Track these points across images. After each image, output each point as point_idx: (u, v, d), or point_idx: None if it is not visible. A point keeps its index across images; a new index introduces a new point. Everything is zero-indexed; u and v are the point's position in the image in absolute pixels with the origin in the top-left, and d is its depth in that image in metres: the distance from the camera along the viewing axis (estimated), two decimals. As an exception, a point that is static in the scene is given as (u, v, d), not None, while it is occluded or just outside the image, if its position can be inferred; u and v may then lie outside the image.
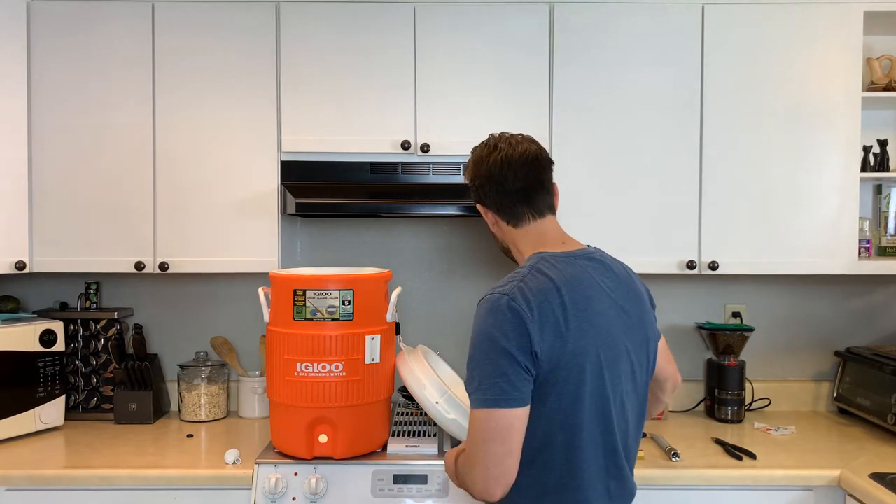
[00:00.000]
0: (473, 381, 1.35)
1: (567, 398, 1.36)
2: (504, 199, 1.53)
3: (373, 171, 2.31)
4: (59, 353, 2.41)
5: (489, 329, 1.34)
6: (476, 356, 1.36)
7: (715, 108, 2.31)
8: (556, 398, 1.36)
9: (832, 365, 2.68)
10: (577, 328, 1.37)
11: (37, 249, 2.32)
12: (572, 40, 2.31)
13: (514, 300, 1.34)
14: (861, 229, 2.39)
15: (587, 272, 1.44)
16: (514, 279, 1.39)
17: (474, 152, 1.60)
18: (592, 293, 1.41)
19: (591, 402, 1.38)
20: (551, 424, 1.37)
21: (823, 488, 2.01)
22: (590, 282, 1.43)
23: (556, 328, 1.35)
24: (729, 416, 2.49)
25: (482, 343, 1.35)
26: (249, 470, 2.01)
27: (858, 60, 2.30)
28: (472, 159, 1.59)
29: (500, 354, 1.32)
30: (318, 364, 1.96)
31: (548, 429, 1.37)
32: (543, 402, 1.35)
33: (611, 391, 1.41)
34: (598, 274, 1.45)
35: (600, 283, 1.44)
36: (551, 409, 1.36)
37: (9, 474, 1.99)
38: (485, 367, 1.33)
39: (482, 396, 1.33)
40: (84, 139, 2.32)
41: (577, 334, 1.36)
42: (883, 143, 2.52)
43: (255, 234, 2.32)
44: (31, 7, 2.31)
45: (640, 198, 2.32)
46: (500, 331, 1.33)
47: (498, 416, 1.32)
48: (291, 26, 2.31)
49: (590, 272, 1.44)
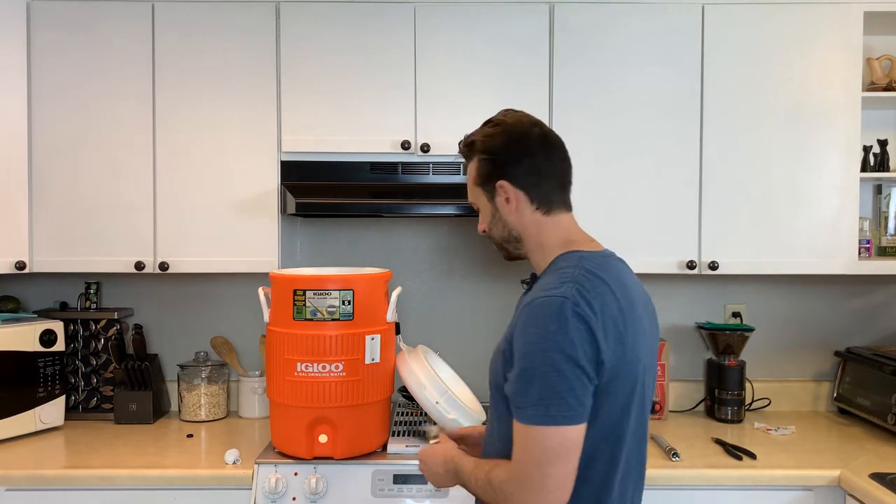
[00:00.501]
0: (529, 395, 1.20)
1: (617, 409, 1.26)
2: (541, 181, 1.38)
3: (373, 171, 2.31)
4: (59, 353, 2.41)
5: (552, 336, 1.20)
6: (534, 367, 1.21)
7: (715, 108, 2.31)
8: (608, 409, 1.25)
9: (832, 365, 2.68)
10: (632, 334, 1.27)
11: (37, 249, 2.32)
12: (572, 40, 2.31)
13: (577, 305, 1.21)
14: (861, 229, 2.39)
15: (625, 273, 1.36)
16: (567, 280, 1.26)
17: (504, 123, 1.41)
18: (635, 296, 1.33)
19: (635, 412, 1.30)
20: (599, 437, 1.25)
21: (823, 488, 2.01)
22: (630, 284, 1.34)
23: (618, 334, 1.24)
24: (729, 416, 2.49)
25: (543, 352, 1.20)
26: (249, 470, 2.01)
27: (858, 60, 2.30)
28: (503, 129, 1.40)
29: (567, 365, 1.19)
30: (318, 364, 1.96)
31: (595, 442, 1.25)
32: (595, 413, 1.24)
33: (647, 400, 1.34)
34: (630, 276, 1.39)
35: (635, 285, 1.37)
36: (602, 420, 1.25)
37: (9, 474, 2.00)
38: (548, 379, 1.19)
39: (543, 412, 1.19)
40: (84, 139, 2.31)
41: (632, 341, 1.27)
42: (883, 143, 2.52)
43: (255, 234, 2.32)
44: (31, 7, 2.31)
45: (640, 198, 2.32)
46: (565, 338, 1.19)
47: (563, 434, 1.19)
48: (291, 26, 2.31)
49: (627, 274, 1.37)
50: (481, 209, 1.46)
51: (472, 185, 1.46)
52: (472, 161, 1.44)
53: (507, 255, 1.49)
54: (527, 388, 1.21)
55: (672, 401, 2.63)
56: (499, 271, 2.68)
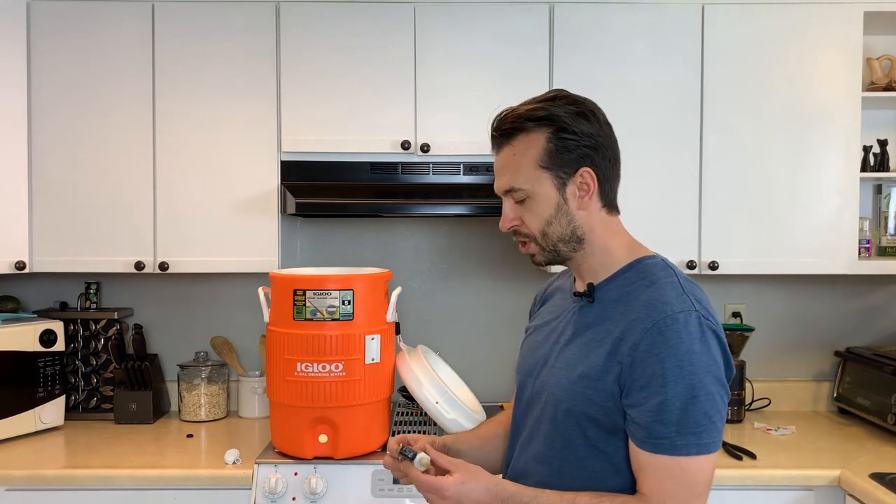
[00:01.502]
0: (684, 423, 1.08)
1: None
2: (613, 173, 1.23)
3: (373, 171, 2.31)
4: (59, 353, 2.40)
5: (698, 358, 1.09)
6: (684, 392, 1.08)
7: (715, 107, 2.31)
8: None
9: (832, 365, 2.67)
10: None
11: (37, 249, 2.32)
12: (572, 40, 2.31)
13: (708, 319, 1.12)
14: (861, 229, 2.39)
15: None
16: (683, 292, 1.14)
17: (586, 102, 1.22)
18: None
19: None
20: None
21: (823, 488, 2.01)
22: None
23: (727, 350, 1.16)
24: (729, 416, 2.49)
25: (693, 375, 1.08)
26: (249, 470, 2.01)
27: (858, 60, 2.30)
28: (591, 109, 1.21)
29: (716, 387, 1.10)
30: (318, 364, 1.96)
31: None
32: None
33: None
34: None
35: None
36: None
37: (9, 474, 1.99)
38: (700, 404, 1.08)
39: (696, 441, 1.09)
40: (84, 139, 2.31)
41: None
42: (883, 143, 2.52)
43: (255, 234, 2.31)
44: (31, 7, 2.31)
45: (639, 198, 2.32)
46: (710, 358, 1.10)
47: (713, 462, 1.11)
48: (291, 26, 2.30)
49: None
50: (535, 199, 1.20)
51: (529, 165, 1.19)
52: (532, 135, 1.19)
53: (552, 258, 1.24)
54: (679, 416, 1.08)
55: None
56: (499, 271, 2.68)
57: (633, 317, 1.14)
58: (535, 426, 1.27)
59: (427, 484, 1.18)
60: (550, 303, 1.41)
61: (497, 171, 1.25)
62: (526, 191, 1.20)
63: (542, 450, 1.25)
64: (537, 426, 1.26)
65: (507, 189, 1.22)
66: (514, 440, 1.35)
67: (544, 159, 1.19)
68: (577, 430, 1.19)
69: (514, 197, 1.22)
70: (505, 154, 1.23)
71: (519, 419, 1.34)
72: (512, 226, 1.24)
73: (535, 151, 1.19)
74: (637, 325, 1.13)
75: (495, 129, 1.23)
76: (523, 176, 1.20)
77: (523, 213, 1.22)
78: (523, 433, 1.31)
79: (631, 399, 1.12)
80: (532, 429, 1.28)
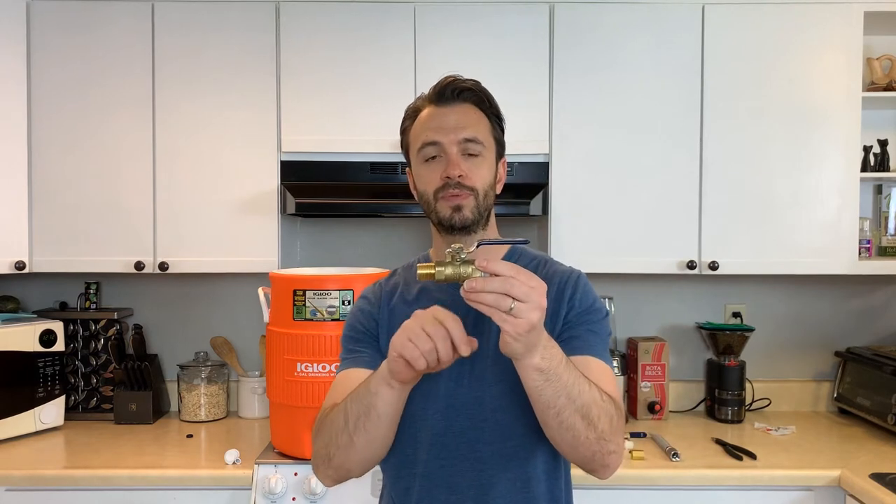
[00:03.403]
0: (604, 340, 1.31)
1: None
2: None
3: (373, 171, 2.31)
4: (59, 353, 2.40)
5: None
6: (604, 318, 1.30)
7: (715, 108, 2.31)
8: None
9: (832, 365, 2.67)
10: None
11: (37, 249, 2.32)
12: (572, 40, 2.31)
13: None
14: (861, 229, 2.39)
15: None
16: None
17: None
18: None
19: None
20: None
21: (823, 488, 2.01)
22: None
23: None
24: (729, 416, 2.49)
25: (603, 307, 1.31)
26: (249, 470, 2.01)
27: (858, 60, 2.30)
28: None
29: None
30: (318, 364, 1.96)
31: None
32: None
33: None
34: None
35: None
36: None
37: (9, 474, 2.00)
38: (608, 326, 1.33)
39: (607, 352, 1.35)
40: (84, 139, 2.31)
41: None
42: (883, 143, 2.52)
43: (254, 234, 2.31)
44: (31, 7, 2.31)
45: (640, 198, 2.32)
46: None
47: None
48: (291, 26, 2.30)
49: None
50: (485, 160, 1.26)
51: (486, 130, 1.27)
52: (483, 111, 1.28)
53: (476, 219, 1.24)
54: (602, 335, 1.25)
55: (672, 401, 2.62)
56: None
57: (574, 274, 1.29)
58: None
59: (514, 266, 0.99)
60: (425, 300, 1.28)
61: (454, 121, 1.25)
62: (484, 148, 1.25)
63: (495, 390, 1.25)
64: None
65: (470, 138, 1.24)
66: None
67: (493, 133, 1.29)
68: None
69: (470, 149, 1.24)
70: (465, 109, 1.27)
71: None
72: (462, 173, 1.22)
73: (487, 123, 1.28)
74: (563, 278, 1.27)
75: (457, 83, 1.27)
76: (482, 135, 1.26)
77: (471, 168, 1.24)
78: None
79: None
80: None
